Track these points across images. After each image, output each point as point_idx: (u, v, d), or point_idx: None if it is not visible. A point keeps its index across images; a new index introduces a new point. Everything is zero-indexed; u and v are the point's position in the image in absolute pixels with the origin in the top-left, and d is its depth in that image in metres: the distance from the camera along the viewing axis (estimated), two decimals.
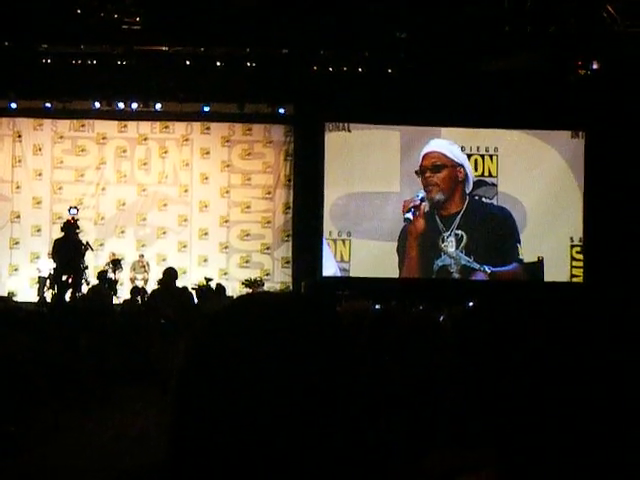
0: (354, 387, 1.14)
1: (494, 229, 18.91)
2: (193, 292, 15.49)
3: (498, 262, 18.87)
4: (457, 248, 18.80)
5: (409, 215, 18.43)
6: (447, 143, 18.92)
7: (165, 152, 19.34)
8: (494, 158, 19.06)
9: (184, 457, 1.10)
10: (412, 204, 18.48)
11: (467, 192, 18.89)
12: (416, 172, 18.70)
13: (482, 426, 2.57)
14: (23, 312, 11.87)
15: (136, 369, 10.46)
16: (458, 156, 18.88)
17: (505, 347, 3.41)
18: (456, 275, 18.73)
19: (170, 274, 10.91)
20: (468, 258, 18.76)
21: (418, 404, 2.90)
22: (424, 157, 18.82)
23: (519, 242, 18.83)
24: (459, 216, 18.80)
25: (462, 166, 18.87)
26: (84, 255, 16.91)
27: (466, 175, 18.88)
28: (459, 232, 18.79)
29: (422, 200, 18.56)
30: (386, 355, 3.45)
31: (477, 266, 18.76)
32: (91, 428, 8.41)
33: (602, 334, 1.98)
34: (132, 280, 18.02)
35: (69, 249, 16.62)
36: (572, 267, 19.08)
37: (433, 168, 18.78)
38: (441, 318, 9.27)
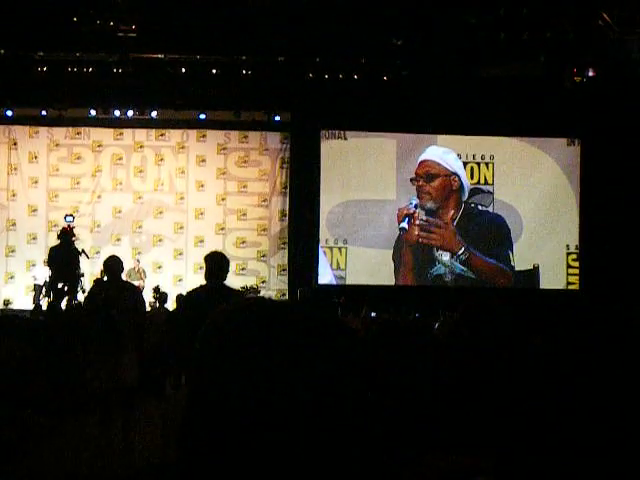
0: (358, 389, 1.15)
1: (488, 238, 18.91)
2: None
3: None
4: (452, 257, 18.79)
5: (404, 224, 18.41)
6: (442, 152, 18.90)
7: (161, 160, 19.32)
8: (490, 166, 19.07)
9: (195, 453, 1.11)
10: (406, 212, 18.48)
11: (463, 200, 18.89)
12: (411, 180, 18.70)
13: (480, 432, 2.56)
14: (21, 320, 11.73)
15: (67, 390, 8.75)
16: (452, 165, 18.86)
17: (503, 353, 3.41)
18: (451, 284, 18.71)
19: (113, 264, 8.36)
20: (463, 267, 18.74)
21: (416, 409, 2.89)
22: (419, 165, 18.84)
23: (511, 250, 18.84)
24: (454, 224, 18.80)
25: (456, 175, 18.84)
26: (80, 263, 16.90)
27: (461, 184, 18.86)
28: None
29: (416, 207, 18.56)
30: (385, 361, 3.44)
31: (471, 274, 18.76)
32: (88, 435, 8.37)
33: (599, 340, 1.97)
34: None
35: (65, 257, 16.58)
36: (568, 274, 19.09)
37: (426, 177, 18.77)
38: (436, 326, 9.28)
